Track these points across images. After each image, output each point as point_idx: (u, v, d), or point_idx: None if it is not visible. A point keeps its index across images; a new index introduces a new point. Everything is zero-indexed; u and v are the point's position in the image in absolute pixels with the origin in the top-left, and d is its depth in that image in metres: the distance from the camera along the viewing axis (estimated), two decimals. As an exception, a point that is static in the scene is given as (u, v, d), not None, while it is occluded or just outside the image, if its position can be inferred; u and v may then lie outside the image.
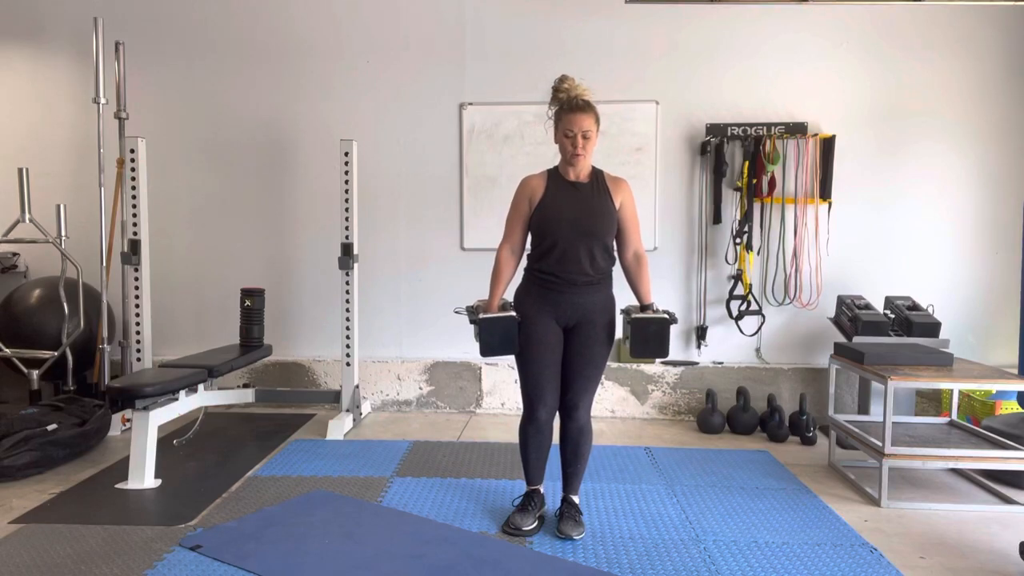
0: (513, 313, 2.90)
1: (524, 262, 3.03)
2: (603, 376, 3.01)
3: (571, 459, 2.98)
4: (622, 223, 2.93)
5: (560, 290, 2.88)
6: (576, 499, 3.02)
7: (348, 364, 4.54)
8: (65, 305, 4.39)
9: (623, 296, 3.01)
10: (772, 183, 4.68)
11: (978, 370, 3.52)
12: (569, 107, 2.84)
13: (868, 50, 4.75)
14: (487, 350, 2.87)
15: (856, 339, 4.18)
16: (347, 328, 4.53)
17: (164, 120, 4.97)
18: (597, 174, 2.95)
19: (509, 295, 3.04)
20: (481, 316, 2.87)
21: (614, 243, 2.96)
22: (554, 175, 2.94)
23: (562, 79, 2.90)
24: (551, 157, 2.98)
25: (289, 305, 5.06)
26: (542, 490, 3.08)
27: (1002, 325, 4.80)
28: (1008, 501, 3.35)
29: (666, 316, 2.88)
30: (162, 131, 4.94)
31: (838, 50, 4.76)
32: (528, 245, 3.00)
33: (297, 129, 4.98)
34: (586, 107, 2.84)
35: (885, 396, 3.28)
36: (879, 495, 3.30)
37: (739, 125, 4.76)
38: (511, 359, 3.21)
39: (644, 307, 2.98)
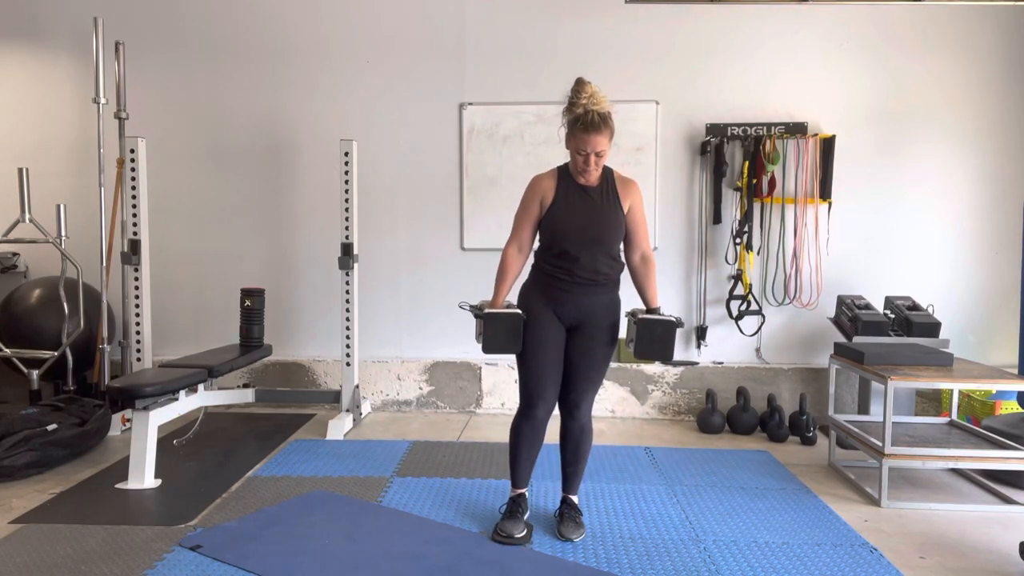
0: (519, 310, 2.85)
1: (531, 258, 2.98)
2: (603, 377, 2.98)
3: (572, 459, 2.97)
4: (630, 226, 2.89)
5: (566, 289, 2.84)
6: (575, 499, 3.02)
7: (348, 364, 4.54)
8: (65, 305, 4.39)
9: (628, 298, 3.00)
10: (772, 183, 4.68)
11: (978, 370, 3.52)
12: (584, 126, 2.71)
13: (868, 50, 4.75)
14: (491, 346, 2.80)
15: (856, 339, 4.18)
16: (347, 328, 4.53)
17: (164, 120, 4.97)
18: (607, 175, 2.88)
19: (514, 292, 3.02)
20: (486, 311, 2.81)
21: (621, 248, 2.92)
22: (564, 176, 2.87)
23: (579, 88, 2.75)
24: (550, 158, 2.97)
25: (289, 305, 5.06)
26: (527, 493, 3.03)
27: (1002, 325, 4.80)
28: (1008, 501, 3.35)
29: (673, 319, 2.86)
30: (162, 131, 4.93)
31: (838, 50, 4.76)
32: (536, 241, 2.95)
33: (297, 129, 4.98)
34: (602, 126, 2.71)
35: (885, 396, 3.28)
36: (879, 495, 3.30)
37: (739, 125, 4.75)
38: (511, 359, 3.22)
39: (650, 310, 2.93)
